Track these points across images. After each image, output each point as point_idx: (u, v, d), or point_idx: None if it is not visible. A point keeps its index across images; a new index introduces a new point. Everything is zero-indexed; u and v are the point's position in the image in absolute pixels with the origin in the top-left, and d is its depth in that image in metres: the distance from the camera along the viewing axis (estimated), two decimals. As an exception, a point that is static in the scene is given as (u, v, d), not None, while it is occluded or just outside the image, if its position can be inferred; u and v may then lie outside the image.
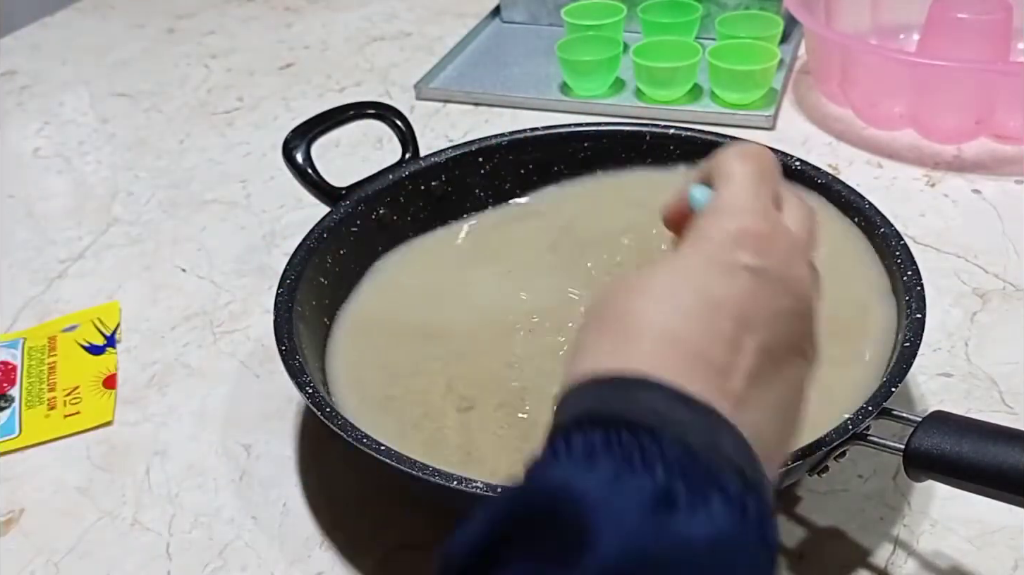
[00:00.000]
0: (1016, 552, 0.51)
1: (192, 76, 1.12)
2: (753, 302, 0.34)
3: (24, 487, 0.60)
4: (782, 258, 0.35)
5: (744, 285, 0.34)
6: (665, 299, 0.34)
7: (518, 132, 0.72)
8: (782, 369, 0.35)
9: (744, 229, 0.35)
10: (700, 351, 0.33)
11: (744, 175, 0.37)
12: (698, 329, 0.33)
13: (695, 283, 0.34)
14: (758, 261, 0.35)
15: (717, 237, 0.35)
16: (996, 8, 0.87)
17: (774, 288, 0.35)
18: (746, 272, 0.34)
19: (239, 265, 0.79)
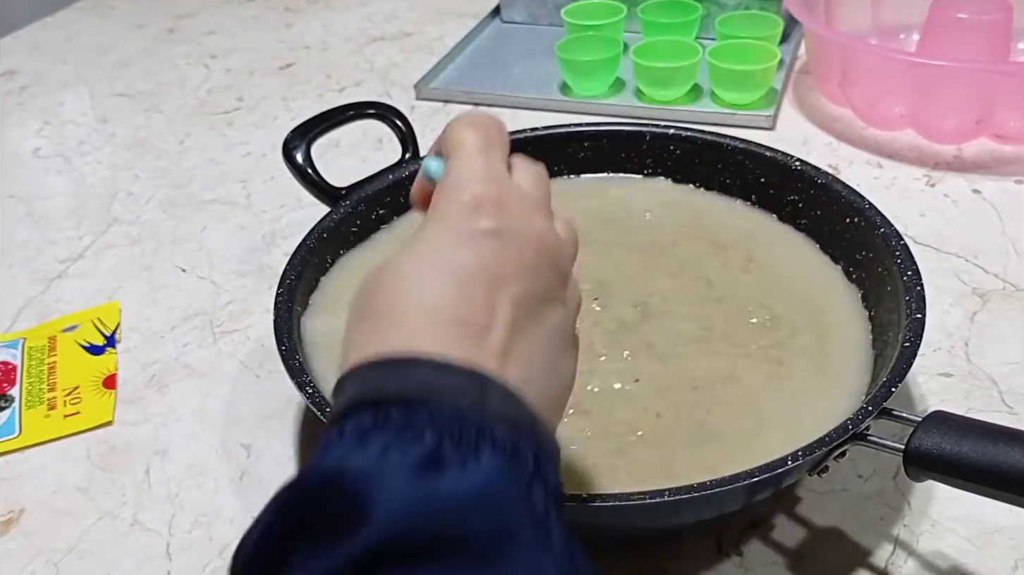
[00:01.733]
0: (1016, 552, 0.51)
1: (192, 76, 1.12)
2: (499, 262, 0.36)
3: (24, 487, 0.60)
4: (518, 216, 0.37)
5: (487, 247, 0.36)
6: (415, 278, 0.36)
7: (518, 132, 0.72)
8: (541, 319, 0.37)
9: (478, 196, 0.37)
10: (457, 318, 0.34)
11: (472, 144, 0.39)
12: (452, 298, 0.35)
13: (441, 257, 0.36)
14: (495, 223, 0.36)
15: (454, 209, 0.37)
16: (996, 8, 0.87)
17: (517, 244, 0.37)
18: (486, 236, 0.36)
19: (239, 265, 0.79)
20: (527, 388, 0.34)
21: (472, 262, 0.36)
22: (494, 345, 0.34)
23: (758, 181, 0.69)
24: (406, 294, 0.35)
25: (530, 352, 0.36)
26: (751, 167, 0.69)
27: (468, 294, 0.35)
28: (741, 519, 0.54)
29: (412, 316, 0.35)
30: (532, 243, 0.37)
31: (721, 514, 0.52)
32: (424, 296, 0.35)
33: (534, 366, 0.36)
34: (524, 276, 0.36)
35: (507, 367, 0.34)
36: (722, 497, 0.46)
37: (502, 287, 0.36)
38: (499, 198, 0.37)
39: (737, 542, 0.53)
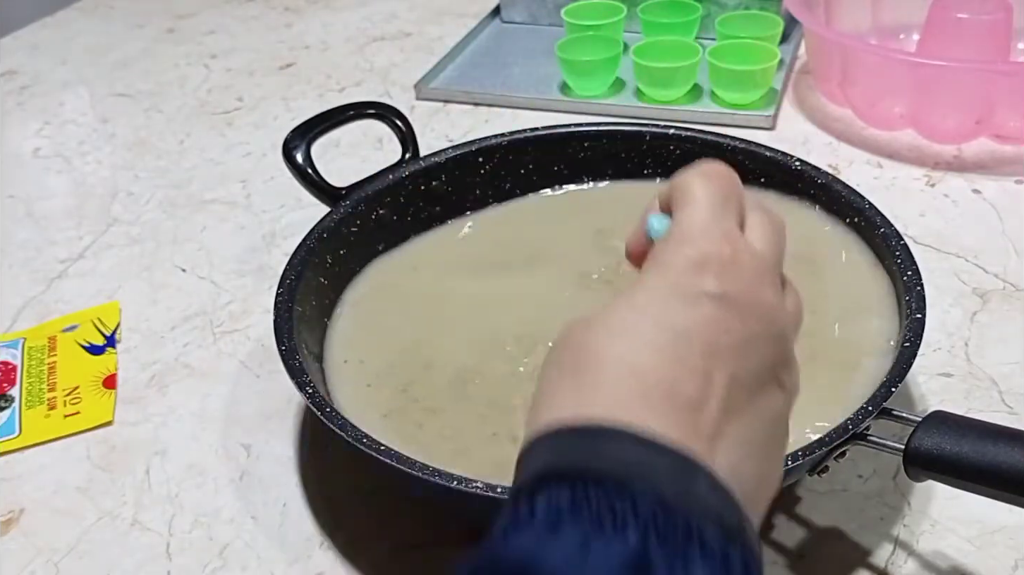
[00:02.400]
0: (1016, 552, 0.51)
1: (192, 76, 1.12)
2: (720, 330, 0.32)
3: (24, 487, 0.60)
4: (748, 282, 0.34)
5: (709, 313, 0.32)
6: (626, 333, 0.32)
7: (518, 132, 0.72)
8: (757, 401, 0.33)
9: (705, 254, 0.34)
10: (667, 386, 0.31)
11: (704, 197, 0.36)
12: (663, 363, 0.31)
13: (656, 314, 0.33)
14: (722, 287, 0.33)
15: (677, 265, 0.34)
16: (996, 8, 0.87)
17: (741, 314, 0.33)
18: (710, 299, 0.33)
19: (239, 265, 0.79)
20: (736, 481, 0.30)
21: (689, 324, 0.32)
22: (706, 424, 0.31)
23: (758, 181, 0.69)
24: (613, 348, 0.32)
25: (743, 439, 0.32)
26: (751, 167, 0.69)
27: (680, 359, 0.31)
28: (741, 519, 0.53)
29: (617, 376, 0.31)
30: (759, 314, 0.33)
31: (721, 514, 0.52)
32: (632, 353, 0.31)
33: (746, 455, 0.32)
34: (746, 351, 0.33)
35: (717, 453, 0.31)
36: (722, 497, 0.46)
37: (720, 359, 0.32)
38: (729, 259, 0.34)
39: (737, 542, 0.53)
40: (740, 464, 0.31)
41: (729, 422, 0.31)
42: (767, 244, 0.36)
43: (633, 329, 0.32)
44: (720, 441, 0.31)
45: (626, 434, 0.29)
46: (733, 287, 0.33)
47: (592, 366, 0.32)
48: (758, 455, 0.33)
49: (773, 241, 0.36)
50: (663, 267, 0.34)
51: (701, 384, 0.31)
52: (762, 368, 0.33)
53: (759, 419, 0.33)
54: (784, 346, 0.35)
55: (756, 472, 0.33)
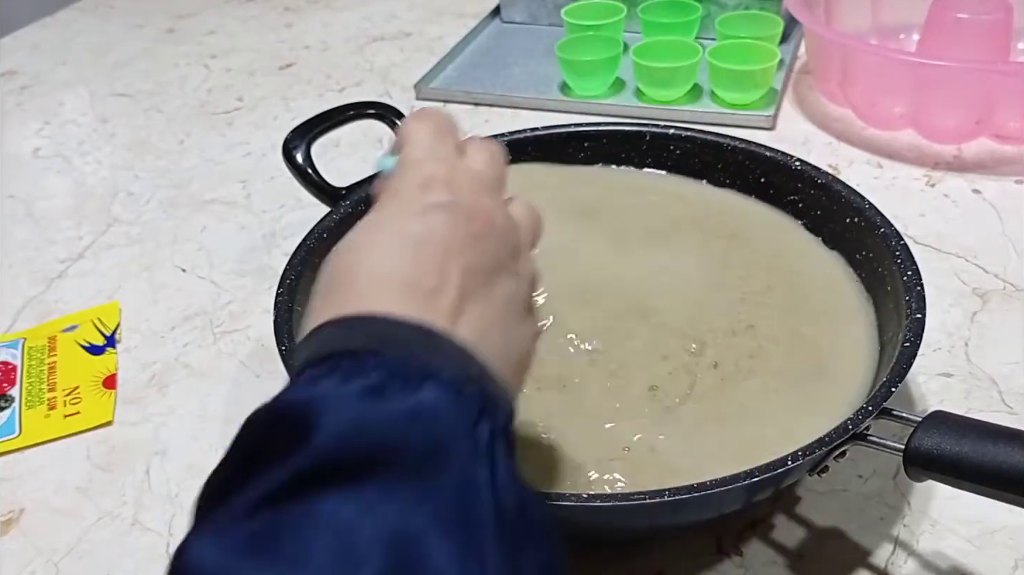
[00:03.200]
0: (1016, 552, 0.51)
1: (192, 76, 1.12)
2: (448, 232, 0.38)
3: (24, 487, 0.60)
4: (467, 192, 0.40)
5: (437, 219, 0.38)
6: (368, 246, 0.38)
7: (518, 132, 0.72)
8: (491, 287, 0.38)
9: (428, 175, 0.40)
10: (410, 281, 0.36)
11: (421, 132, 0.42)
12: (404, 265, 0.37)
13: (392, 228, 0.38)
14: (445, 197, 0.39)
15: (406, 187, 0.40)
16: (996, 8, 0.87)
17: (466, 217, 0.39)
18: (437, 209, 0.38)
19: (239, 265, 0.79)
20: (480, 346, 0.36)
21: (422, 231, 0.38)
22: (445, 305, 0.36)
23: (758, 181, 0.69)
24: (359, 262, 0.38)
25: (481, 316, 0.37)
26: (751, 167, 0.69)
27: (419, 260, 0.37)
28: (741, 519, 0.54)
29: (365, 282, 0.37)
30: (481, 216, 0.39)
31: (721, 514, 0.52)
32: (376, 263, 0.37)
33: (486, 329, 0.37)
34: (473, 246, 0.38)
35: (458, 326, 0.36)
36: (722, 497, 0.46)
37: (451, 255, 0.37)
38: (448, 176, 0.40)
39: (737, 542, 0.53)
40: (482, 335, 0.37)
41: (467, 303, 0.37)
42: (483, 164, 0.42)
43: (376, 244, 0.38)
44: (461, 317, 0.37)
45: (376, 318, 0.35)
46: (456, 197, 0.39)
47: (344, 278, 0.37)
48: (498, 328, 0.38)
49: (489, 161, 0.43)
50: (395, 192, 0.40)
51: (438, 276, 0.37)
52: (492, 259, 0.39)
53: (496, 302, 0.39)
54: (509, 242, 0.40)
55: (499, 342, 0.38)
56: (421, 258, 0.37)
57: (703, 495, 0.44)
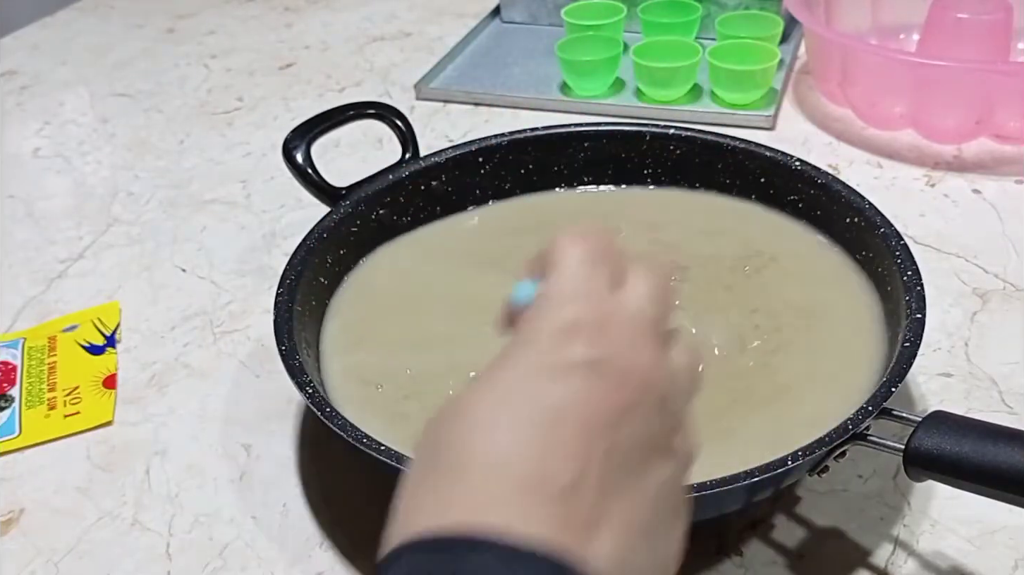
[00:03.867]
0: (1016, 552, 0.51)
1: (192, 76, 1.12)
2: (593, 404, 0.30)
3: (24, 487, 0.60)
4: (621, 345, 0.31)
5: (580, 386, 0.30)
6: (491, 422, 0.29)
7: (518, 132, 0.72)
8: (642, 475, 0.30)
9: (572, 320, 0.31)
10: (537, 477, 0.28)
11: (572, 260, 0.33)
12: (531, 451, 0.29)
13: (522, 397, 0.30)
14: (592, 353, 0.30)
15: (541, 335, 0.31)
16: (996, 8, 0.87)
17: (616, 382, 0.30)
18: (580, 370, 0.30)
19: (239, 265, 0.79)
20: (624, 567, 0.29)
21: (560, 402, 0.29)
22: (582, 511, 0.28)
23: (758, 181, 0.69)
24: (476, 442, 0.29)
25: (628, 518, 0.29)
26: (751, 167, 0.69)
27: (552, 443, 0.29)
28: (741, 519, 0.54)
29: (482, 473, 0.29)
30: (636, 380, 0.31)
31: (721, 514, 0.52)
32: (498, 446, 0.29)
33: (633, 537, 0.29)
34: (623, 422, 0.30)
35: (597, 541, 0.28)
36: (722, 497, 0.46)
37: (595, 435, 0.29)
38: (599, 321, 0.31)
39: (737, 542, 0.53)
40: (628, 548, 0.29)
41: (611, 504, 0.29)
42: (647, 299, 0.33)
43: (497, 418, 0.30)
44: (601, 527, 0.29)
45: (490, 544, 0.27)
46: (605, 352, 0.31)
47: (455, 463, 0.29)
48: (649, 534, 0.30)
49: (654, 295, 0.33)
50: (527, 340, 0.31)
51: (575, 468, 0.29)
52: (644, 438, 0.30)
53: (646, 495, 0.30)
54: (671, 410, 0.32)
55: (649, 553, 0.30)
56: (554, 443, 0.29)
57: (703, 495, 0.44)
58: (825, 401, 0.54)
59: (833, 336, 0.59)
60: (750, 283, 0.64)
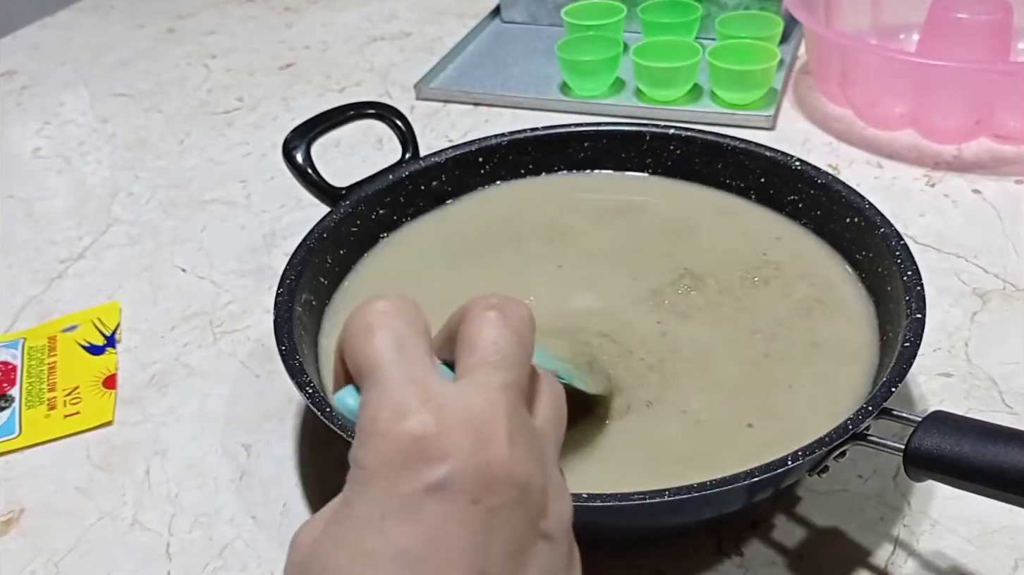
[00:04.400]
0: (1016, 552, 0.51)
1: (192, 76, 1.12)
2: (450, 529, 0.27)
3: (24, 487, 0.60)
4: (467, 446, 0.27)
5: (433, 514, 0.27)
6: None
7: (518, 132, 0.72)
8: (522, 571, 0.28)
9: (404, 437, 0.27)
10: None
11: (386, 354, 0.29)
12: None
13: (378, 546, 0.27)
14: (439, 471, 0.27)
15: (380, 471, 0.27)
16: (996, 8, 0.87)
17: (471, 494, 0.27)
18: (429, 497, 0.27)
19: (239, 265, 0.79)
20: None
21: (416, 543, 0.26)
22: None
23: (758, 181, 0.69)
24: None
25: None
26: (751, 167, 0.69)
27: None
28: (741, 519, 0.54)
29: None
30: (490, 480, 0.27)
31: (721, 514, 0.52)
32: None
33: None
34: (491, 534, 0.27)
35: None
36: (722, 497, 0.46)
37: (461, 559, 0.27)
38: (438, 428, 0.27)
39: (737, 542, 0.53)
40: None
41: None
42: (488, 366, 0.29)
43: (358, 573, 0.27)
44: None
45: None
46: (451, 465, 0.27)
47: None
48: None
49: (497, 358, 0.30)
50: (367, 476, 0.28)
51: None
52: (515, 539, 0.28)
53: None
54: (534, 494, 0.28)
55: None
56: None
57: (703, 495, 0.44)
58: (825, 401, 0.54)
59: (833, 336, 0.59)
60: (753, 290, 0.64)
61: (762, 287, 0.63)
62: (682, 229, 0.69)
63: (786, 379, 0.56)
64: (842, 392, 0.55)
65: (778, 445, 0.47)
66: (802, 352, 0.58)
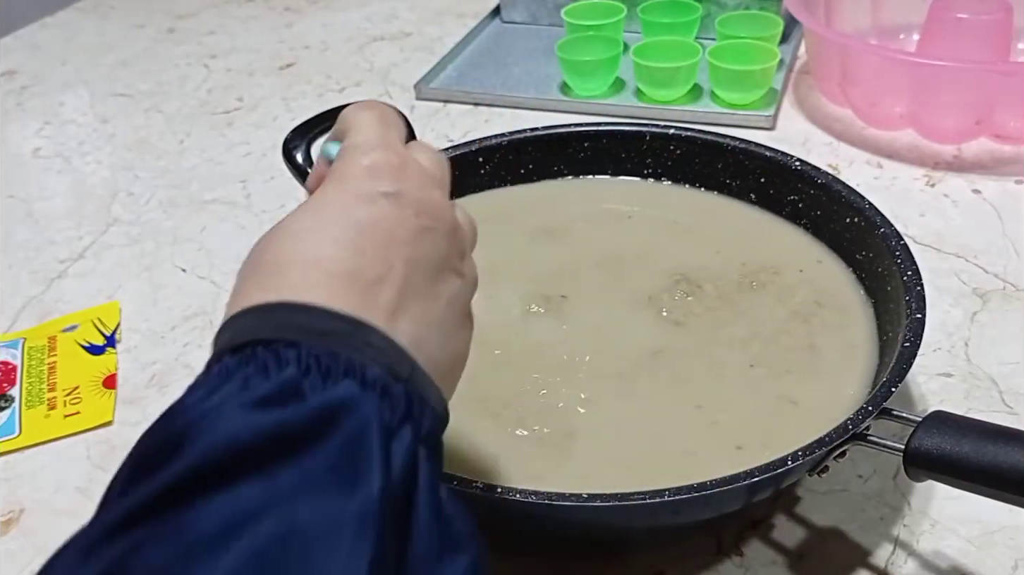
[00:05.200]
0: (1016, 552, 0.51)
1: (192, 76, 1.12)
2: (396, 223, 0.36)
3: (24, 487, 0.60)
4: (415, 183, 0.38)
5: (385, 209, 0.36)
6: (310, 232, 0.35)
7: (518, 132, 0.72)
8: (436, 284, 0.37)
9: (377, 161, 0.37)
10: (347, 272, 0.34)
11: (368, 119, 0.40)
12: (344, 252, 0.34)
13: (335, 212, 0.36)
14: (395, 186, 0.37)
15: (353, 172, 0.37)
16: (996, 8, 0.87)
17: (414, 209, 0.37)
18: (385, 197, 0.36)
19: (239, 265, 0.79)
20: (417, 349, 0.34)
21: (368, 218, 0.35)
22: (385, 299, 0.34)
23: (758, 181, 0.69)
24: (293, 246, 0.35)
25: (423, 315, 0.36)
26: (751, 167, 0.69)
27: (361, 248, 0.35)
28: (741, 519, 0.54)
29: (299, 267, 0.34)
30: (430, 211, 0.37)
31: (721, 514, 0.52)
32: (313, 248, 0.34)
33: (426, 329, 0.35)
34: (420, 241, 0.36)
35: (397, 324, 0.34)
36: (722, 497, 0.46)
37: (398, 246, 0.35)
38: (399, 164, 0.38)
39: (737, 542, 0.53)
40: (421, 336, 0.35)
41: (409, 300, 0.35)
42: (430, 162, 0.40)
43: (315, 229, 0.35)
44: (400, 315, 0.34)
45: (302, 307, 0.32)
46: (404, 186, 0.37)
47: (278, 262, 0.34)
48: (438, 329, 0.36)
49: (436, 161, 0.41)
50: (341, 176, 0.37)
51: (380, 268, 0.34)
52: (439, 257, 0.37)
53: (438, 301, 0.37)
54: (458, 240, 0.39)
55: (437, 344, 0.36)
56: (364, 246, 0.35)
57: (703, 495, 0.44)
58: (825, 401, 0.54)
59: (833, 335, 0.59)
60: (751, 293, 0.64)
61: (759, 290, 0.63)
62: (680, 232, 0.69)
63: (787, 378, 0.56)
64: (842, 392, 0.55)
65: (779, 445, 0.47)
66: (802, 351, 0.58)
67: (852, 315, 0.60)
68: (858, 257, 0.63)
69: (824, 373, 0.57)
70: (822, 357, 0.58)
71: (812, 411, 0.54)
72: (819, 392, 0.55)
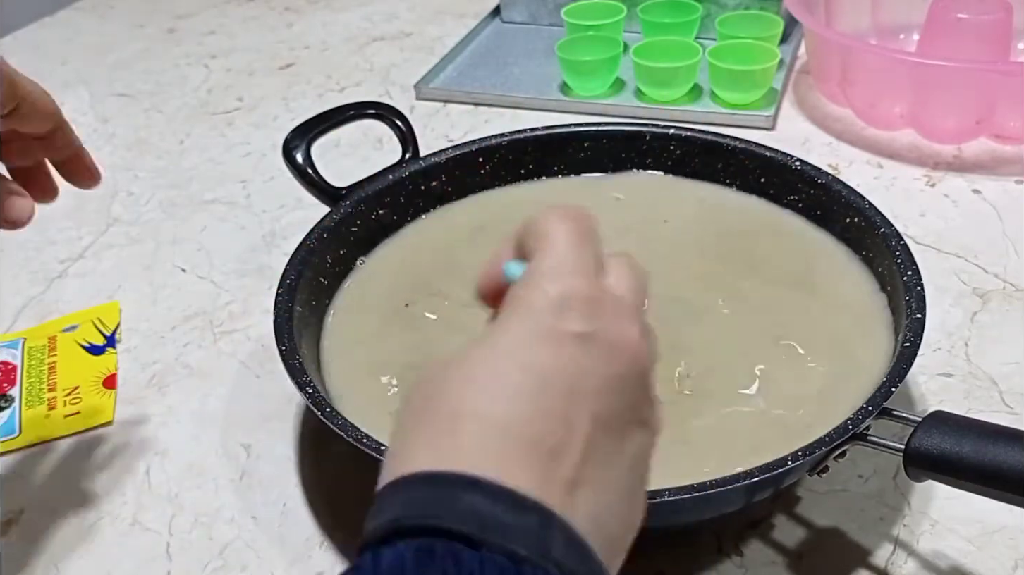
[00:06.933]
0: (1016, 552, 0.51)
1: (192, 76, 1.12)
2: (583, 371, 0.31)
3: (24, 487, 0.60)
4: (611, 321, 0.32)
5: (572, 354, 0.31)
6: (487, 381, 0.31)
7: (518, 132, 0.72)
8: (622, 443, 0.32)
9: (567, 293, 0.32)
10: (528, 435, 0.30)
11: (565, 236, 0.34)
12: (526, 411, 0.30)
13: (519, 359, 0.31)
14: (586, 326, 0.32)
15: (539, 304, 0.32)
16: (996, 8, 0.87)
17: (606, 354, 0.32)
18: (573, 340, 0.31)
19: (239, 265, 0.79)
20: (596, 530, 0.30)
21: (552, 367, 0.31)
22: (566, 471, 0.30)
23: (758, 181, 0.69)
24: (473, 397, 0.30)
25: (605, 483, 0.31)
26: (751, 167, 0.69)
27: (544, 405, 0.30)
28: (741, 519, 0.54)
29: (474, 426, 0.30)
30: (624, 354, 0.32)
31: (721, 514, 0.52)
32: (493, 403, 0.30)
33: (607, 501, 0.31)
34: (609, 392, 0.31)
35: (577, 501, 0.30)
36: (722, 497, 0.46)
37: (583, 402, 0.31)
38: (592, 297, 0.32)
39: (737, 542, 0.53)
40: (602, 509, 0.31)
41: (591, 467, 0.30)
42: (628, 288, 0.35)
43: (493, 377, 0.31)
44: (581, 488, 0.30)
45: (480, 486, 0.28)
46: (597, 326, 0.32)
47: (450, 416, 0.30)
48: (621, 498, 0.32)
49: (634, 286, 0.35)
50: (524, 307, 0.32)
51: (562, 431, 0.30)
52: (625, 408, 0.32)
53: (622, 461, 0.32)
54: (647, 386, 0.33)
55: (619, 515, 0.32)
56: (544, 404, 0.30)
57: (703, 495, 0.44)
58: (825, 400, 0.54)
59: (833, 335, 0.59)
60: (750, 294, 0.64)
61: (758, 291, 0.63)
62: (684, 232, 0.69)
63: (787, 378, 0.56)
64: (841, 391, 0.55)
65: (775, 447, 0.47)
66: (802, 352, 0.58)
67: (852, 315, 0.60)
68: (859, 257, 0.63)
69: (823, 373, 0.57)
70: (823, 356, 0.58)
71: (811, 410, 0.54)
72: (819, 391, 0.55)
